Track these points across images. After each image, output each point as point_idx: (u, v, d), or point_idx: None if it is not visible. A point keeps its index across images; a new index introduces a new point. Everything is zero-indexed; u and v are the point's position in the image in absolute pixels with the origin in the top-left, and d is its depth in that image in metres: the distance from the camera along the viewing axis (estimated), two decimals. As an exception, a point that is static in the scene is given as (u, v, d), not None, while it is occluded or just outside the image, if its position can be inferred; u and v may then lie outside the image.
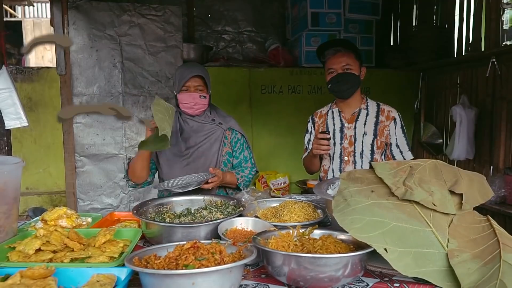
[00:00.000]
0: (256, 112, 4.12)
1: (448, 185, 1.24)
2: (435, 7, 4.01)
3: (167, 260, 1.01)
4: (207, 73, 2.06)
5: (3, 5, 2.71)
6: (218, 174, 1.84)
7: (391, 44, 4.65)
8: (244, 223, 1.44)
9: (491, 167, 3.22)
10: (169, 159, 2.04)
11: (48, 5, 9.20)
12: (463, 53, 3.62)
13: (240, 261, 0.99)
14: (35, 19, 9.59)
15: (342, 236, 1.22)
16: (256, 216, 1.54)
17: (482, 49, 3.32)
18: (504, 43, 3.05)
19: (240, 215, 1.48)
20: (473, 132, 3.28)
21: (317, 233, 1.26)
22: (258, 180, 4.09)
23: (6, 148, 2.52)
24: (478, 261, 1.05)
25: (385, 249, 1.06)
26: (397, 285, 1.10)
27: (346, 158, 2.19)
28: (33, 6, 9.37)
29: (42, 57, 9.27)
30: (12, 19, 9.31)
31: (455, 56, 3.73)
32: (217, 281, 0.96)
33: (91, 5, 3.44)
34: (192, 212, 1.58)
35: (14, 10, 9.37)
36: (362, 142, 2.15)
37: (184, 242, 1.10)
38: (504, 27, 3.03)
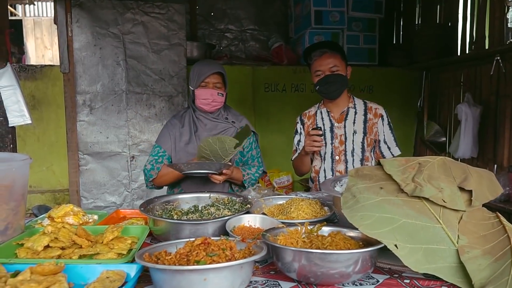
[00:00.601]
0: (259, 110, 4.12)
1: (457, 182, 1.23)
2: (438, 5, 4.00)
3: (178, 256, 1.01)
4: (225, 72, 2.08)
5: (7, 3, 2.71)
6: (230, 169, 1.87)
7: (394, 42, 4.65)
8: (251, 220, 1.44)
9: (495, 165, 3.21)
10: (183, 156, 2.05)
11: (49, 4, 9.21)
12: (467, 51, 3.61)
13: (251, 257, 0.99)
14: (36, 18, 9.57)
15: (351, 233, 1.22)
16: (263, 213, 1.54)
17: (486, 47, 3.31)
18: (508, 41, 3.05)
19: (247, 212, 1.48)
20: (477, 130, 3.28)
21: (326, 230, 1.26)
22: (262, 179, 4.09)
23: (11, 146, 2.52)
24: (489, 257, 1.05)
25: (396, 245, 1.06)
26: (407, 281, 1.10)
27: (337, 157, 2.22)
28: (34, 4, 9.36)
29: (43, 56, 9.27)
30: (13, 17, 9.30)
31: (459, 54, 3.72)
32: (228, 277, 0.96)
33: (94, 3, 3.44)
34: (200, 209, 1.58)
35: (15, 9, 9.37)
36: (353, 140, 2.18)
37: (194, 239, 1.10)
38: (509, 25, 3.02)
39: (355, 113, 2.22)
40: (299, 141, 2.33)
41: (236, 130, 2.09)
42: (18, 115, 2.52)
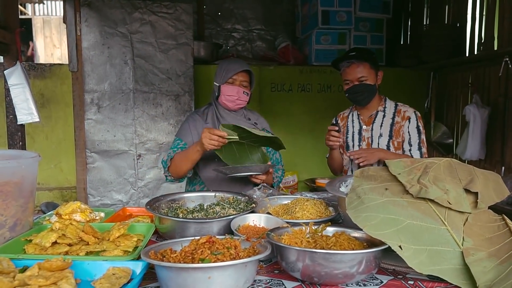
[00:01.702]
0: (265, 110, 4.12)
1: (463, 184, 1.23)
2: (447, 6, 3.97)
3: (183, 254, 1.02)
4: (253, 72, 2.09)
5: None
6: (271, 171, 1.91)
7: (402, 42, 4.62)
8: (256, 220, 1.45)
9: (503, 168, 3.18)
10: (206, 156, 2.02)
11: (58, 3, 9.28)
12: (475, 52, 3.58)
13: (255, 256, 1.00)
14: (45, 17, 9.66)
15: (356, 234, 1.22)
16: (268, 213, 1.54)
17: (495, 48, 3.28)
18: (517, 42, 3.02)
19: (252, 212, 1.49)
20: (485, 132, 3.25)
21: (330, 230, 1.27)
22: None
23: (21, 143, 2.55)
24: (494, 259, 1.04)
25: (400, 247, 1.06)
26: (411, 282, 1.10)
27: None
28: (43, 3, 9.45)
29: (52, 54, 9.35)
30: (22, 16, 9.40)
31: (467, 55, 3.69)
32: (232, 276, 0.96)
33: (103, 2, 3.47)
34: (205, 208, 1.59)
35: (24, 8, 9.46)
36: (378, 143, 2.20)
37: (199, 237, 1.11)
38: (518, 25, 2.99)
39: (384, 116, 2.23)
40: None
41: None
42: (27, 113, 2.54)
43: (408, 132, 2.18)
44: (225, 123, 2.03)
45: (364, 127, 2.25)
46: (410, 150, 2.17)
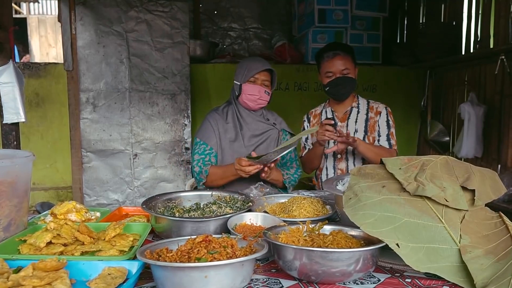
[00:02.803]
0: (262, 109, 4.12)
1: (460, 181, 1.23)
2: (443, 4, 3.98)
3: (179, 253, 1.01)
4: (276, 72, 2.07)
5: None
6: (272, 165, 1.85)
7: (398, 41, 4.63)
8: (253, 218, 1.44)
9: (499, 166, 3.20)
10: (229, 155, 2.01)
11: (53, 2, 9.22)
12: (472, 51, 3.59)
13: (252, 255, 0.99)
14: (40, 16, 9.60)
15: (353, 232, 1.22)
16: (265, 212, 1.54)
17: (491, 46, 3.29)
18: (513, 40, 3.03)
19: (249, 211, 1.48)
20: (482, 130, 3.26)
21: (327, 228, 1.26)
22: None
23: (15, 142, 2.53)
24: (491, 257, 1.04)
25: (397, 244, 1.06)
26: (409, 280, 1.10)
27: (339, 155, 2.26)
28: (38, 2, 9.38)
29: (47, 54, 9.30)
30: (17, 15, 9.33)
31: (463, 53, 3.70)
32: (229, 275, 0.96)
33: (98, 1, 3.45)
34: (201, 207, 1.58)
35: (19, 7, 9.40)
36: None
37: (195, 236, 1.10)
38: (514, 24, 3.00)
39: (358, 112, 2.25)
40: (307, 138, 2.38)
41: (278, 132, 2.08)
42: (13, 112, 2.53)
43: (378, 125, 2.21)
44: (246, 123, 2.02)
45: (339, 123, 2.25)
46: (379, 140, 2.20)
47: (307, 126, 2.39)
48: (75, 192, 3.57)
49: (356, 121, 2.24)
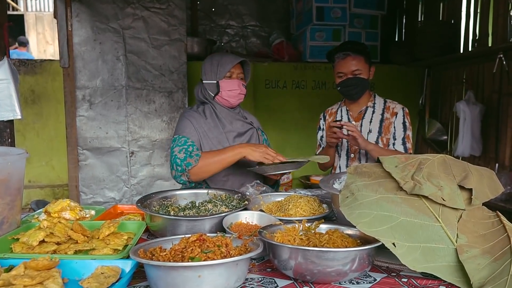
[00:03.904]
0: (259, 107, 4.10)
1: (458, 180, 1.22)
2: (441, 2, 3.97)
3: (173, 252, 1.00)
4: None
5: (6, -3, 2.70)
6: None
7: (396, 39, 4.62)
8: (249, 217, 1.43)
9: (497, 164, 3.19)
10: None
11: (51, -2, 9.16)
12: (470, 49, 3.58)
13: (246, 254, 0.98)
14: (37, 13, 9.54)
15: (349, 231, 1.21)
16: (261, 210, 1.52)
17: (490, 45, 3.28)
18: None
19: (245, 209, 1.47)
20: (479, 128, 3.25)
21: (323, 227, 1.25)
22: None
23: (9, 140, 2.50)
24: (488, 256, 1.03)
25: (394, 244, 1.05)
26: (405, 280, 1.09)
27: (352, 155, 2.25)
28: (36, -1, 9.34)
29: (44, 51, 9.25)
30: (14, 12, 9.28)
31: (462, 52, 3.70)
32: (223, 274, 0.95)
33: (94, -3, 3.43)
34: (197, 205, 1.57)
35: (16, 3, 9.34)
36: (367, 139, 2.17)
37: (190, 235, 1.09)
38: (512, 22, 2.99)
39: (373, 112, 2.21)
40: (322, 136, 2.38)
41: (256, 132, 2.05)
42: (9, 109, 2.50)
43: (394, 126, 2.17)
44: (227, 123, 1.97)
45: (353, 122, 2.23)
46: (394, 144, 2.16)
47: (323, 125, 2.38)
48: (71, 190, 3.55)
49: (370, 121, 2.20)
